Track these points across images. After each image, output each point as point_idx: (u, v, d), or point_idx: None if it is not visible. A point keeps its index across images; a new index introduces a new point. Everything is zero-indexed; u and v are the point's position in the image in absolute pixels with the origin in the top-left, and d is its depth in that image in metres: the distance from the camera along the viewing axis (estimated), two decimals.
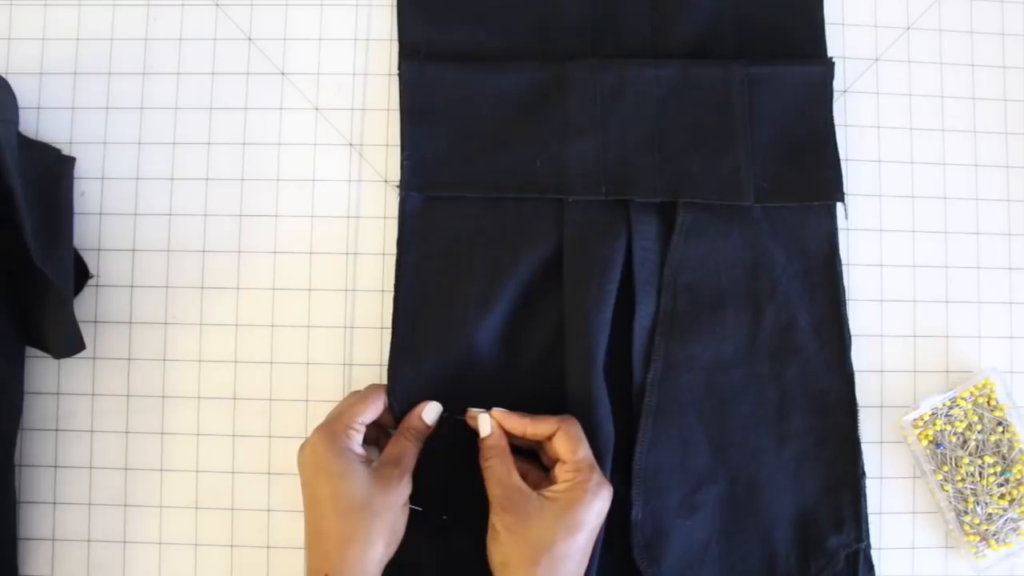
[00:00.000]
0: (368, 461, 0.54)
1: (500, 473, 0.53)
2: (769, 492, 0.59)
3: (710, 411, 0.60)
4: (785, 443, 0.59)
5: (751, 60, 0.61)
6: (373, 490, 0.52)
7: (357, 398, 0.56)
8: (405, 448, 0.55)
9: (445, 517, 0.58)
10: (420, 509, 0.58)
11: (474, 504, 0.58)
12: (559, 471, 0.53)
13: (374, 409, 0.56)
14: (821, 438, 0.60)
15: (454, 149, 0.61)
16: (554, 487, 0.53)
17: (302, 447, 0.54)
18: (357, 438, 0.54)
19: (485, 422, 0.55)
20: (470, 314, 0.60)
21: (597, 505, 0.52)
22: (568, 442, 0.53)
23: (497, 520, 0.52)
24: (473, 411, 0.56)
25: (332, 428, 0.54)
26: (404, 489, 0.54)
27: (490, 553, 0.53)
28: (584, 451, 0.53)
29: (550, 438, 0.54)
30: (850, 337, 0.61)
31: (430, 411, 0.57)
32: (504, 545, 0.52)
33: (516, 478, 0.53)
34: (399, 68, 0.62)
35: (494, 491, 0.53)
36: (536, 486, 0.53)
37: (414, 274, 0.60)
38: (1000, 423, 0.60)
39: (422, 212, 0.61)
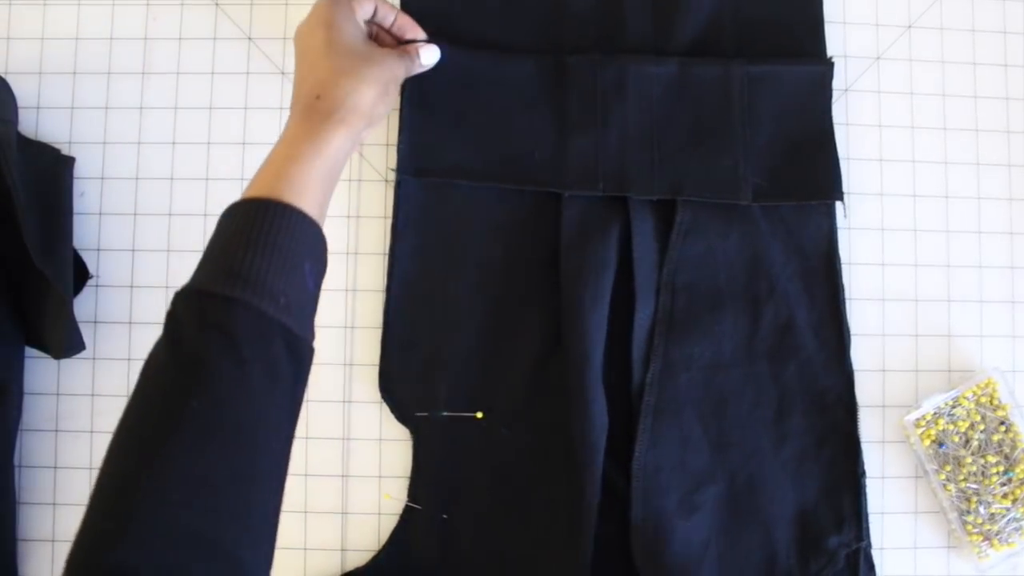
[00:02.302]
0: (365, 33, 0.55)
1: None
2: (769, 491, 0.59)
3: (709, 411, 0.59)
4: (785, 442, 0.59)
5: (751, 59, 0.61)
6: (370, 46, 0.54)
7: None
8: (399, 55, 0.56)
9: (445, 516, 0.58)
10: (420, 508, 0.58)
11: (474, 504, 0.58)
12: None
13: (367, 6, 0.56)
14: (821, 437, 0.60)
15: (452, 136, 0.61)
16: None
17: (301, 22, 0.54)
18: (360, 13, 0.55)
19: None
20: (464, 307, 0.60)
21: None
22: None
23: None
24: None
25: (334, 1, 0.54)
26: (399, 62, 0.55)
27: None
28: None
29: None
30: (849, 336, 0.61)
31: (429, 53, 0.58)
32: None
33: None
34: None
35: None
36: None
37: (407, 263, 0.60)
38: (1002, 422, 0.60)
39: (417, 200, 0.61)
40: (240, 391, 0.41)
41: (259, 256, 0.43)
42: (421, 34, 0.59)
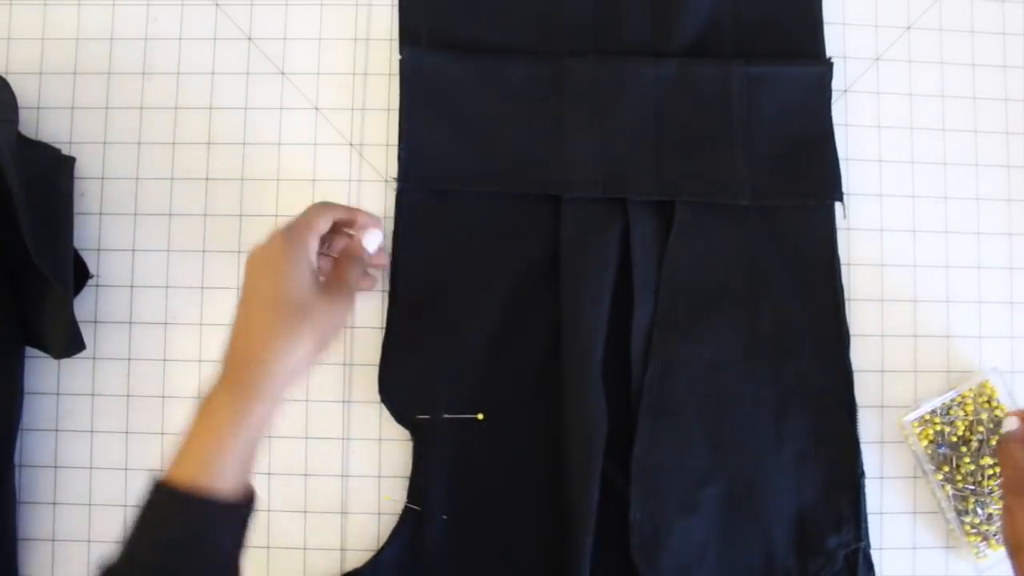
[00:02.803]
0: (316, 273, 0.53)
1: (1018, 457, 0.55)
2: (768, 492, 0.59)
3: (708, 411, 0.59)
4: (784, 443, 0.59)
5: (750, 59, 0.61)
6: (315, 296, 0.51)
7: (310, 208, 0.55)
8: (348, 268, 0.55)
9: (445, 517, 0.58)
10: (419, 508, 0.58)
11: (474, 505, 0.58)
12: None
13: (326, 217, 0.55)
14: (820, 438, 0.60)
15: (452, 142, 0.61)
16: None
17: (254, 249, 0.52)
18: (313, 245, 0.53)
19: (1011, 421, 0.57)
20: (465, 310, 0.60)
21: None
22: None
23: (1013, 502, 0.53)
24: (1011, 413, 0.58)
25: (290, 229, 0.53)
26: (345, 303, 0.53)
27: (1005, 534, 0.53)
28: None
29: None
30: (848, 336, 0.61)
31: (370, 239, 0.57)
32: (1019, 526, 0.52)
33: None
34: (400, 53, 0.62)
35: (1009, 474, 0.55)
36: None
37: (409, 269, 0.60)
38: (1001, 423, 0.60)
39: (418, 207, 0.61)
40: None
41: (171, 554, 0.46)
42: (376, 225, 0.58)
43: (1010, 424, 0.57)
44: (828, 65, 0.62)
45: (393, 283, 0.60)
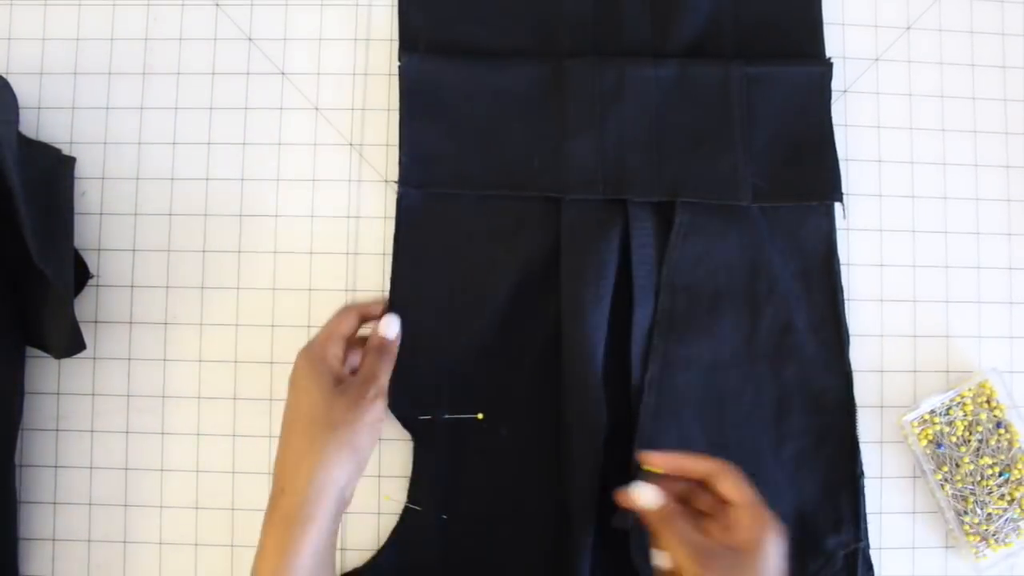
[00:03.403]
0: (340, 380, 0.53)
1: (685, 533, 0.48)
2: (767, 492, 0.58)
3: (708, 411, 0.60)
4: (783, 443, 0.59)
5: (750, 60, 0.61)
6: (338, 404, 0.50)
7: (332, 316, 0.55)
8: (373, 364, 0.54)
9: (444, 517, 0.58)
10: (419, 509, 0.58)
11: (474, 505, 0.58)
12: (736, 515, 0.49)
13: (348, 321, 0.55)
14: (819, 438, 0.60)
15: (452, 145, 0.61)
16: (737, 534, 0.49)
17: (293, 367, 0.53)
18: (334, 351, 0.53)
19: (648, 494, 0.50)
20: (465, 311, 0.60)
21: (781, 547, 0.49)
22: (737, 484, 0.50)
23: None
24: (624, 490, 0.51)
25: (308, 345, 0.53)
26: (373, 407, 0.51)
27: None
28: (751, 492, 0.50)
29: (706, 480, 0.51)
30: (848, 337, 0.61)
31: (388, 325, 0.56)
32: None
33: (699, 535, 0.49)
34: (399, 59, 0.62)
35: (682, 552, 0.48)
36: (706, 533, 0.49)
37: (410, 272, 0.60)
38: (1000, 423, 0.60)
39: (418, 209, 0.61)
40: None
41: None
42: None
43: (650, 499, 0.49)
44: (828, 65, 0.62)
45: (393, 284, 0.60)
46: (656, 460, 0.52)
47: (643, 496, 0.50)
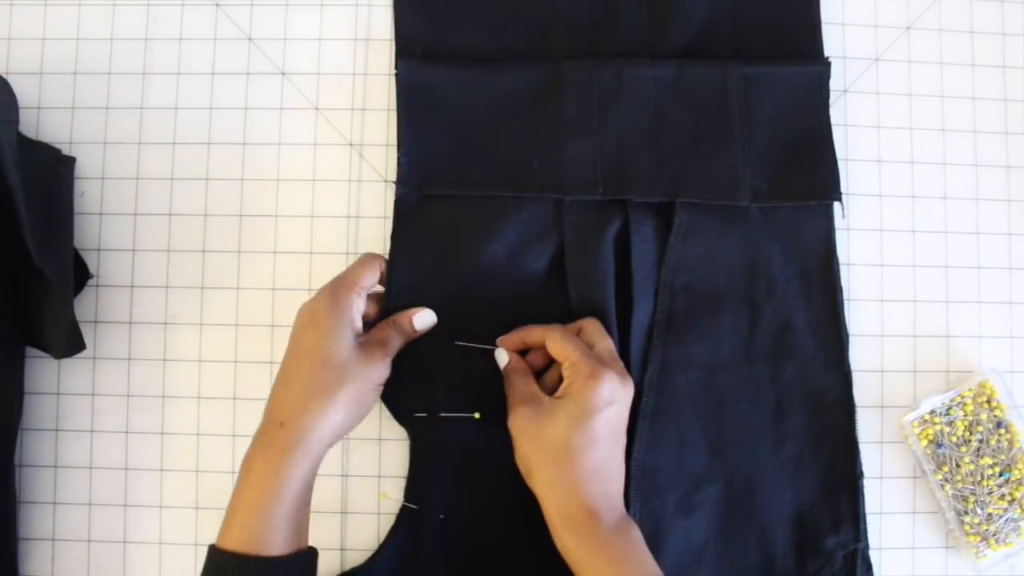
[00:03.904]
0: (358, 334, 0.54)
1: (517, 384, 0.55)
2: (766, 492, 0.59)
3: (707, 411, 0.60)
4: (782, 443, 0.59)
5: (748, 60, 0.61)
6: (353, 356, 0.52)
7: (358, 262, 0.57)
8: (390, 335, 0.56)
9: (442, 517, 0.58)
10: (416, 508, 0.58)
11: (472, 504, 0.58)
12: (561, 371, 0.54)
13: (373, 272, 0.56)
14: (819, 438, 0.60)
15: (451, 147, 0.61)
16: (562, 386, 0.54)
17: (304, 303, 0.55)
18: (358, 303, 0.55)
19: (501, 355, 0.58)
20: (463, 310, 0.60)
21: (601, 389, 0.52)
22: (559, 342, 0.55)
23: (512, 427, 0.54)
24: (496, 351, 0.58)
25: (335, 287, 0.54)
26: (382, 368, 0.54)
27: (517, 463, 0.55)
28: (575, 345, 0.54)
29: (543, 344, 0.56)
30: (848, 337, 0.61)
31: (422, 318, 0.58)
32: (522, 450, 0.53)
33: (533, 387, 0.55)
34: (395, 67, 0.62)
35: (511, 401, 0.55)
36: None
37: (408, 269, 0.60)
38: (1000, 423, 0.60)
39: (417, 210, 0.61)
40: None
41: None
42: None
43: (502, 358, 0.58)
44: (826, 65, 0.62)
45: (391, 283, 0.60)
46: (501, 341, 0.58)
47: (499, 357, 0.58)
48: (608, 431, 0.52)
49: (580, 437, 0.51)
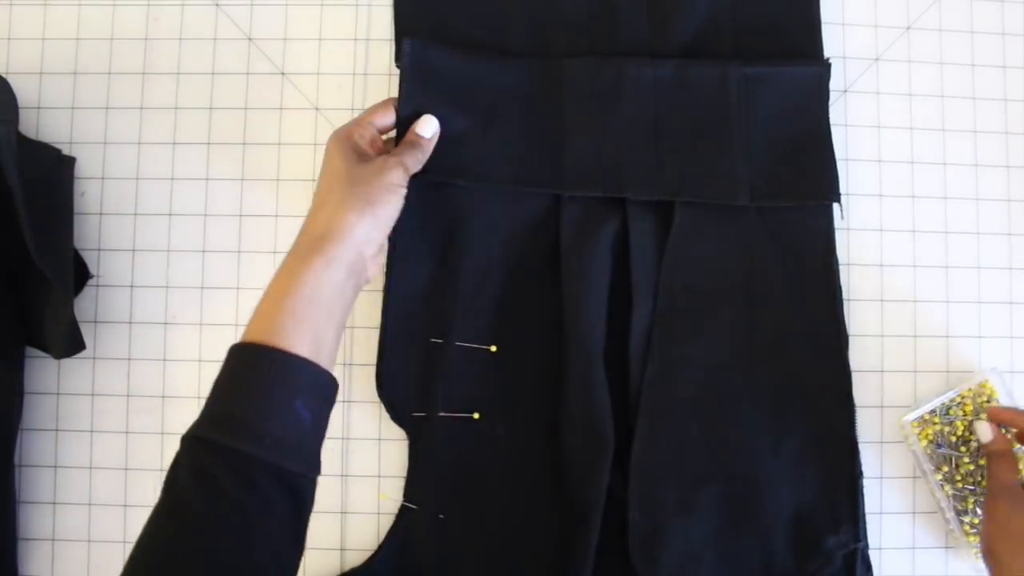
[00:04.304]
0: (366, 156, 0.55)
1: (1001, 472, 0.56)
2: (766, 492, 0.59)
3: (707, 411, 0.59)
4: (782, 443, 0.59)
5: (748, 60, 0.61)
6: (357, 168, 0.54)
7: (372, 106, 0.59)
8: (403, 150, 0.57)
9: (441, 517, 0.58)
10: (415, 508, 0.58)
11: (471, 504, 0.58)
12: None
13: (386, 111, 0.58)
14: (818, 438, 0.60)
15: (450, 141, 0.61)
16: None
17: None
18: (360, 134, 0.56)
19: (984, 430, 0.58)
20: (461, 306, 0.60)
21: None
22: None
23: (988, 514, 0.55)
24: (976, 423, 0.59)
25: (339, 128, 0.56)
26: (390, 170, 0.54)
27: (982, 539, 0.56)
28: None
29: None
30: (847, 337, 0.61)
31: (426, 124, 0.59)
32: (991, 534, 0.54)
33: (1014, 479, 0.56)
34: (400, 46, 0.61)
35: (990, 486, 0.56)
36: None
37: (405, 264, 0.60)
38: (1000, 423, 0.60)
39: (416, 203, 0.60)
40: (227, 530, 0.44)
41: (243, 401, 0.46)
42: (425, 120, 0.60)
43: (985, 434, 0.58)
44: (825, 65, 0.62)
45: (390, 281, 0.60)
46: (991, 413, 0.59)
47: (980, 431, 0.59)
48: None
49: None
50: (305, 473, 0.48)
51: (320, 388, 0.49)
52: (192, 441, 0.46)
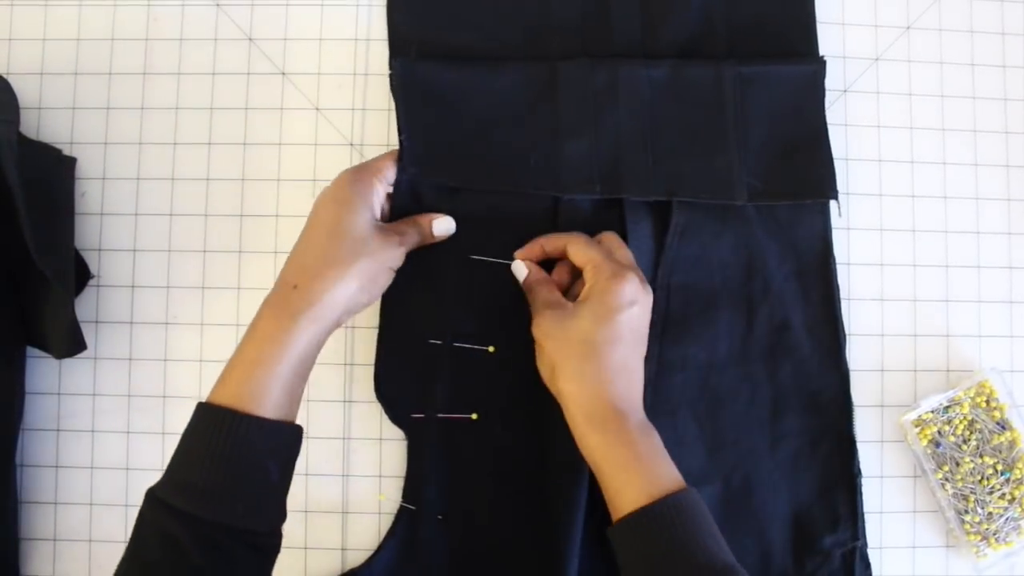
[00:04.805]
0: (376, 218, 0.55)
1: (540, 292, 0.56)
2: (764, 491, 0.59)
3: (704, 411, 0.60)
4: (780, 443, 0.59)
5: (742, 59, 0.61)
6: (371, 233, 0.53)
7: (384, 154, 0.59)
8: (408, 229, 0.57)
9: (440, 517, 0.58)
10: (414, 508, 0.58)
11: (469, 504, 0.58)
12: (584, 276, 0.55)
13: (394, 169, 0.58)
14: (816, 437, 0.60)
15: (447, 145, 0.61)
16: (583, 290, 0.55)
17: (325, 187, 0.55)
18: (379, 189, 0.56)
19: (520, 267, 0.58)
20: (459, 307, 0.60)
21: (624, 288, 0.53)
22: (582, 247, 0.55)
23: (537, 330, 0.55)
24: (513, 264, 0.59)
25: (359, 170, 0.56)
26: (397, 253, 0.55)
27: (540, 369, 0.56)
28: (597, 250, 0.55)
29: (568, 257, 0.57)
30: (845, 336, 0.61)
31: (441, 223, 0.58)
32: (547, 351, 0.54)
33: (556, 294, 0.56)
34: (390, 66, 0.62)
35: (535, 307, 0.56)
36: None
37: (405, 267, 0.60)
38: (1000, 422, 0.60)
39: (415, 202, 0.60)
40: None
41: (211, 468, 0.46)
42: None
43: (520, 271, 0.58)
44: (821, 64, 0.62)
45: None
46: (520, 254, 0.59)
47: (516, 270, 0.58)
48: (631, 330, 0.53)
49: (605, 333, 0.52)
50: (271, 530, 0.49)
51: (290, 445, 0.50)
52: (158, 503, 0.46)
